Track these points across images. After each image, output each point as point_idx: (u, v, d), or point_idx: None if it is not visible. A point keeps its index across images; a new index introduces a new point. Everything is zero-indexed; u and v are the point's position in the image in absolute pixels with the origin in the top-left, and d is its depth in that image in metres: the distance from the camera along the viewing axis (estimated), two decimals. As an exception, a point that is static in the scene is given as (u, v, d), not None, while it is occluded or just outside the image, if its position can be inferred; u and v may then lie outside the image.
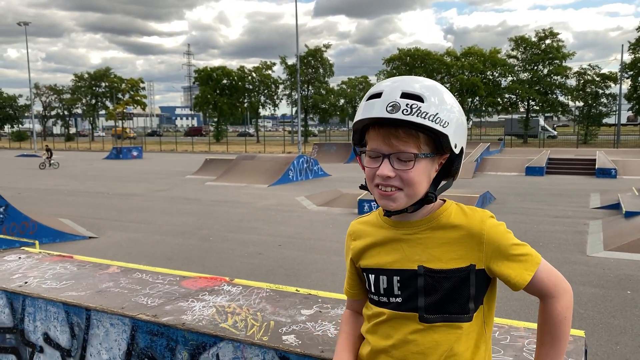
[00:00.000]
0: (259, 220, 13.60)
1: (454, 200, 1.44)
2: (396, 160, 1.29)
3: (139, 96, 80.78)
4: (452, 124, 1.30)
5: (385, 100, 1.27)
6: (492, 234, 1.35)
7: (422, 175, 1.31)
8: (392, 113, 1.25)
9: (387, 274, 1.40)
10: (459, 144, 1.34)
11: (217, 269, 9.09)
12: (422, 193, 1.34)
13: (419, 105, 1.26)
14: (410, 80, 1.33)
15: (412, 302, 1.36)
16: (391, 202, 1.33)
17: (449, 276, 1.34)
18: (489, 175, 24.87)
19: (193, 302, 1.91)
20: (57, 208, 15.72)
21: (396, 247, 1.40)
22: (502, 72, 57.09)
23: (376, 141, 1.31)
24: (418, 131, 1.28)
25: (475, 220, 1.37)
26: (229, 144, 56.77)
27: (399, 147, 1.28)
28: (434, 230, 1.38)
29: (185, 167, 30.00)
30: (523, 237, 7.76)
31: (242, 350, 1.58)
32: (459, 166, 1.39)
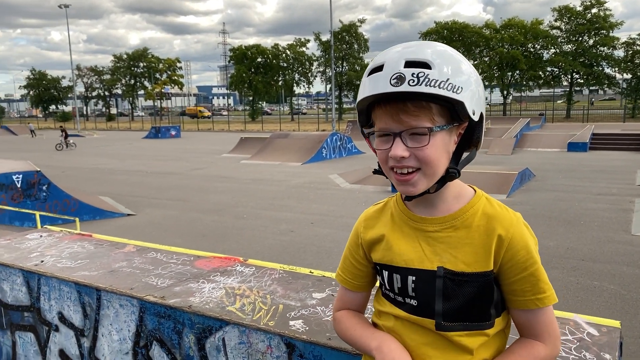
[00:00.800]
0: (292, 198, 13.62)
1: (491, 177, 1.26)
2: (409, 138, 1.15)
3: (176, 76, 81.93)
4: (467, 89, 1.15)
5: (388, 72, 1.13)
6: (518, 241, 1.21)
7: (439, 150, 1.17)
8: (397, 86, 1.11)
9: (401, 272, 1.26)
10: (477, 110, 1.19)
11: (250, 246, 9.17)
12: (442, 170, 1.19)
13: (426, 73, 1.11)
14: (415, 46, 1.18)
15: (428, 307, 1.23)
16: (411, 187, 1.19)
17: (471, 280, 1.20)
18: (528, 152, 24.09)
19: (203, 283, 1.85)
20: (97, 186, 16.17)
21: (414, 244, 1.26)
22: (544, 44, 54.75)
23: (384, 119, 1.17)
24: (429, 102, 1.13)
25: (504, 221, 1.22)
26: (263, 122, 57.04)
27: (410, 122, 1.14)
28: (458, 228, 1.23)
29: (221, 146, 30.33)
30: (564, 215, 7.46)
31: (247, 335, 1.52)
32: (481, 134, 1.24)
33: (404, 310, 1.27)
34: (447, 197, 1.26)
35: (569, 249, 8.38)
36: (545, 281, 1.22)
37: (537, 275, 1.21)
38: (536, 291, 1.21)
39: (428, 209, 1.27)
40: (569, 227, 9.64)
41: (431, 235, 1.25)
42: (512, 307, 1.25)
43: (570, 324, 1.45)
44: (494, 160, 20.23)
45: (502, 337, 1.29)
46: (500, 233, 1.20)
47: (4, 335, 2.30)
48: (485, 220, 1.23)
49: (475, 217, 1.23)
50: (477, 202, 1.26)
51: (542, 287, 1.21)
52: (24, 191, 11.33)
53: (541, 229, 9.57)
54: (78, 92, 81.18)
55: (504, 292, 1.24)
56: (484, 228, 1.22)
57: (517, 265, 1.20)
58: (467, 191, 1.29)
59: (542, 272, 1.22)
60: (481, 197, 1.28)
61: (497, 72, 56.17)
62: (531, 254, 1.21)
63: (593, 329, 1.40)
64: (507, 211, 1.25)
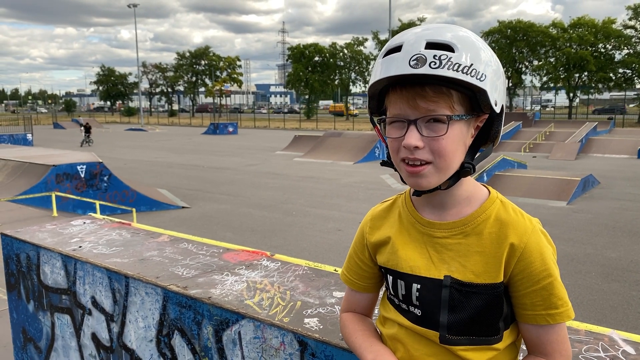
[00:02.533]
0: (342, 197, 13.60)
1: (551, 183, 1.16)
2: (424, 127, 1.05)
3: (236, 74, 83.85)
4: (490, 77, 1.05)
5: (408, 52, 1.02)
6: (532, 251, 1.09)
7: (456, 142, 1.06)
8: (416, 68, 1.00)
9: (405, 279, 1.17)
10: (499, 100, 1.08)
11: (296, 242, 9.23)
12: (457, 165, 1.09)
13: (449, 55, 1.01)
14: (438, 28, 1.07)
15: (433, 318, 1.13)
16: (421, 180, 1.08)
17: (480, 292, 1.10)
18: (594, 157, 22.89)
19: (227, 276, 1.86)
20: (156, 179, 16.81)
21: (421, 249, 1.16)
22: (616, 45, 51.80)
23: (399, 105, 1.06)
24: (450, 88, 1.03)
25: (518, 228, 1.11)
26: (318, 121, 57.35)
27: (428, 108, 1.03)
28: (468, 235, 1.13)
29: (276, 143, 30.76)
30: (629, 226, 7.02)
31: (262, 330, 1.50)
32: (500, 129, 1.13)
33: (407, 318, 1.18)
34: (459, 197, 1.15)
35: (633, 261, 7.88)
36: (559, 296, 1.10)
37: (551, 289, 1.09)
38: (548, 306, 1.09)
39: (438, 210, 1.17)
40: (635, 239, 9.07)
41: (439, 241, 1.15)
42: (521, 321, 1.13)
43: (604, 340, 1.33)
44: (556, 165, 19.37)
45: (512, 351, 1.18)
46: (512, 242, 1.09)
47: (44, 315, 2.41)
48: (497, 227, 1.12)
49: (488, 223, 1.12)
50: (490, 205, 1.14)
51: (555, 302, 1.09)
52: (87, 181, 11.94)
53: (603, 240, 9.06)
54: (143, 88, 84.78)
55: (514, 305, 1.14)
56: (495, 235, 1.11)
57: (530, 277, 1.09)
58: (480, 192, 1.18)
59: (557, 285, 1.10)
60: (495, 200, 1.16)
61: (564, 73, 53.70)
62: (546, 266, 1.09)
63: (630, 347, 1.27)
64: (523, 217, 1.13)
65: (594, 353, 1.26)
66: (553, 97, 70.87)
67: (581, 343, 1.33)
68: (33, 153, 14.82)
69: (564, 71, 53.56)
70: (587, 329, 1.39)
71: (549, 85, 58.96)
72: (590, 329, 1.40)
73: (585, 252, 8.35)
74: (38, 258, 2.38)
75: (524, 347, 1.19)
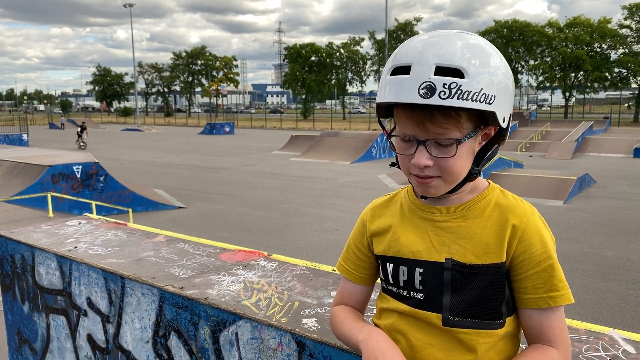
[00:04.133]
0: (339, 197, 13.59)
1: (547, 182, 1.18)
2: (434, 146, 1.08)
3: (232, 74, 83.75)
4: (499, 94, 1.07)
5: (416, 78, 1.03)
6: (532, 233, 1.12)
7: (464, 159, 1.11)
8: (426, 97, 1.01)
9: (408, 264, 1.19)
10: (507, 115, 1.11)
11: (294, 242, 9.21)
12: (464, 175, 1.14)
13: (458, 83, 1.02)
14: (446, 42, 1.06)
15: (435, 300, 1.15)
16: (429, 189, 1.14)
17: (481, 273, 1.12)
18: (590, 157, 22.96)
19: (224, 276, 1.84)
20: (152, 179, 16.75)
21: (422, 234, 1.19)
22: (612, 44, 51.96)
23: (408, 125, 1.09)
24: (459, 111, 1.06)
25: (518, 211, 1.14)
26: (315, 121, 57.32)
27: (437, 132, 1.07)
28: (468, 218, 1.16)
29: (273, 143, 30.73)
30: (625, 225, 7.04)
31: (259, 331, 1.48)
32: (507, 133, 1.17)
33: (409, 305, 1.19)
34: (463, 190, 1.18)
35: (629, 260, 7.89)
36: (560, 278, 1.12)
37: (551, 271, 1.11)
38: (549, 288, 1.11)
39: (440, 199, 1.20)
40: (631, 238, 9.09)
41: (440, 225, 1.18)
42: (522, 307, 1.15)
43: (604, 339, 1.33)
44: (552, 165, 19.41)
45: (514, 340, 1.19)
46: (514, 223, 1.13)
47: (39, 317, 2.39)
48: (498, 211, 1.16)
49: (488, 207, 1.16)
50: (490, 193, 1.19)
51: (556, 284, 1.11)
52: (83, 181, 11.89)
53: (599, 239, 9.08)
54: (139, 88, 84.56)
55: (514, 290, 1.15)
56: (496, 219, 1.15)
57: (531, 258, 1.11)
58: (482, 184, 1.22)
59: (557, 268, 1.12)
60: (495, 189, 1.20)
61: (559, 72, 53.85)
62: (546, 248, 1.12)
63: (630, 347, 1.27)
64: (523, 203, 1.17)
65: (594, 352, 1.25)
66: (549, 97, 71.05)
67: (581, 342, 1.32)
68: (29, 153, 14.75)
69: (560, 71, 53.71)
70: (587, 328, 1.38)
71: (545, 85, 59.13)
72: (590, 328, 1.39)
73: (581, 251, 8.36)
74: (33, 259, 2.36)
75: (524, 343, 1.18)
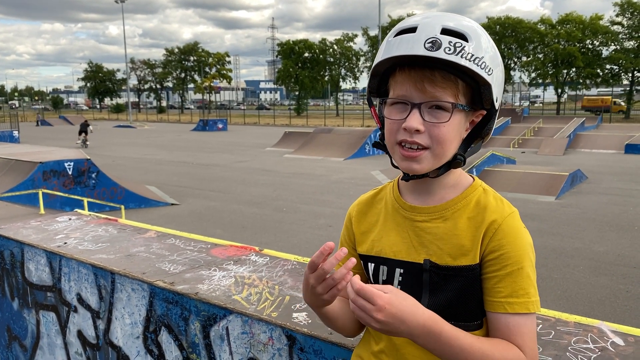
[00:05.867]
0: (332, 193, 13.59)
1: (539, 178, 1.15)
2: (427, 112, 1.05)
3: (225, 70, 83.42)
4: (495, 72, 1.06)
5: (423, 34, 1.02)
6: (507, 233, 1.08)
7: (455, 131, 1.07)
8: (431, 50, 1.00)
9: (388, 264, 1.18)
10: (499, 97, 1.09)
11: (287, 239, 9.21)
12: (451, 154, 1.10)
13: (463, 44, 1.01)
14: (450, 15, 1.08)
15: None
16: (415, 164, 1.08)
17: (457, 274, 1.10)
18: (582, 153, 23.09)
19: (215, 271, 1.84)
20: (145, 175, 16.66)
21: (403, 234, 1.17)
22: (603, 41, 52.23)
23: (405, 86, 1.06)
24: (458, 77, 1.04)
25: (496, 211, 1.11)
26: (308, 117, 57.23)
27: (434, 94, 1.04)
28: (447, 219, 1.13)
29: (266, 140, 30.65)
30: (616, 220, 7.05)
31: (250, 325, 1.48)
32: (492, 126, 1.14)
33: None
34: (445, 185, 1.16)
35: (620, 255, 7.95)
36: (524, 286, 1.06)
37: (516, 276, 1.06)
38: (509, 293, 1.06)
39: (423, 196, 1.18)
40: (622, 233, 9.16)
41: (419, 225, 1.15)
42: (485, 309, 1.11)
43: (593, 332, 1.33)
44: (544, 161, 19.50)
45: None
46: (489, 222, 1.09)
47: (29, 313, 2.37)
48: (476, 211, 1.12)
49: (467, 208, 1.13)
50: (471, 192, 1.15)
51: (518, 290, 1.06)
52: (75, 178, 11.81)
53: (591, 234, 9.14)
54: (131, 84, 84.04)
55: (482, 290, 1.12)
56: (474, 219, 1.11)
57: (498, 259, 1.07)
58: (465, 180, 1.18)
59: (526, 275, 1.07)
60: (477, 187, 1.16)
61: (552, 69, 54.08)
62: (518, 252, 1.07)
63: (619, 338, 1.27)
64: (502, 203, 1.13)
65: (583, 344, 1.26)
66: (541, 93, 71.35)
67: (570, 335, 1.33)
68: (20, 150, 14.63)
69: (552, 67, 53.95)
70: (576, 321, 1.39)
71: (537, 81, 59.38)
72: (580, 320, 1.39)
73: (573, 246, 8.42)
74: (22, 255, 2.34)
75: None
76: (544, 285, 6.61)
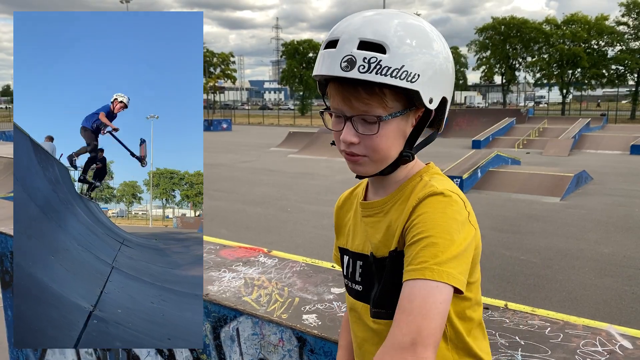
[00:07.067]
0: (337, 193, 13.45)
1: (544, 179, 1.14)
2: (360, 123, 1.09)
3: (230, 70, 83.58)
4: (426, 74, 1.06)
5: (340, 52, 1.05)
6: (424, 208, 1.05)
7: (391, 138, 1.10)
8: (346, 71, 1.03)
9: (352, 257, 1.25)
10: (436, 96, 1.09)
11: (291, 239, 9.23)
12: (394, 156, 1.13)
13: (378, 58, 1.02)
14: (383, 19, 1.07)
15: (368, 292, 1.19)
16: (359, 167, 1.14)
17: (390, 263, 1.11)
18: (587, 154, 23.01)
19: (225, 272, 1.86)
20: (149, 176, 16.71)
21: (362, 229, 1.23)
22: (609, 41, 52.03)
23: (336, 100, 1.11)
24: (382, 88, 1.06)
25: (421, 193, 1.09)
26: (312, 118, 57.26)
27: (361, 108, 1.07)
28: (388, 213, 1.16)
29: (270, 140, 30.71)
30: (622, 222, 7.01)
31: (260, 327, 1.50)
32: (444, 117, 1.16)
33: (352, 296, 1.26)
34: (397, 179, 1.19)
35: (626, 257, 7.93)
36: (426, 257, 0.99)
37: (424, 245, 1.00)
38: (410, 262, 1.01)
39: (380, 192, 1.22)
40: (628, 234, 9.13)
41: (365, 220, 1.23)
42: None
43: (602, 335, 1.34)
44: (549, 162, 19.45)
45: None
46: (412, 205, 1.08)
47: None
48: (407, 200, 1.12)
49: (402, 198, 1.15)
50: (408, 183, 1.16)
51: (419, 259, 0.99)
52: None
53: (596, 235, 9.12)
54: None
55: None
56: (404, 209, 1.11)
57: (410, 231, 1.05)
58: (415, 169, 1.20)
59: (437, 247, 0.99)
60: (415, 178, 1.17)
61: (557, 69, 53.93)
62: (431, 225, 1.02)
63: (627, 342, 1.28)
64: (432, 186, 1.10)
65: (592, 348, 1.27)
66: (546, 94, 71.12)
67: (579, 338, 1.34)
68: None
69: (557, 67, 53.79)
70: (585, 324, 1.40)
71: (542, 82, 59.21)
72: (588, 323, 1.40)
73: (578, 248, 8.40)
74: (33, 255, 2.36)
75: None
76: (549, 286, 6.61)
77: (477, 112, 34.97)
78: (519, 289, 6.56)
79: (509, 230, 9.28)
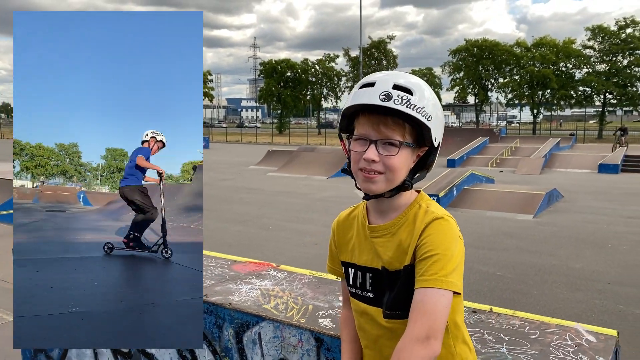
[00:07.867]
0: (317, 212, 13.80)
1: (517, 197, 1.46)
2: (382, 147, 1.37)
3: (207, 88, 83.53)
4: (435, 118, 1.39)
5: (379, 89, 1.36)
6: (432, 231, 1.37)
7: (403, 162, 1.39)
8: (384, 101, 1.33)
9: (361, 270, 1.51)
10: (438, 137, 1.42)
11: (274, 257, 9.35)
12: (400, 180, 1.41)
13: (408, 97, 1.34)
14: (401, 74, 1.42)
15: (380, 298, 1.46)
16: (372, 185, 1.40)
17: (404, 274, 1.40)
18: (557, 172, 23.78)
19: (241, 285, 2.06)
20: (129, 194, 16.59)
21: (369, 247, 1.50)
22: (576, 64, 54.04)
23: (365, 127, 1.39)
24: (405, 121, 1.36)
25: (427, 217, 1.40)
26: (290, 136, 57.57)
27: (387, 133, 1.36)
28: (395, 234, 1.44)
29: (249, 158, 30.78)
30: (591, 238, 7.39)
31: (281, 330, 1.71)
32: (434, 159, 1.47)
33: (363, 302, 1.52)
34: (396, 205, 1.47)
35: (595, 271, 8.30)
36: (435, 270, 1.31)
37: (431, 262, 1.32)
38: (422, 274, 1.32)
39: (381, 216, 1.50)
40: (597, 250, 9.53)
41: (374, 240, 1.48)
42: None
43: (571, 331, 1.61)
44: (522, 180, 20.03)
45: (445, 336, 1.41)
46: (420, 229, 1.39)
47: (58, 326, 2.53)
48: (413, 224, 1.42)
49: (407, 222, 1.43)
50: (410, 210, 1.46)
51: (429, 271, 1.31)
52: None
53: (567, 251, 9.49)
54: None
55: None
56: (411, 231, 1.41)
57: (420, 249, 1.36)
58: (410, 200, 1.49)
59: (440, 260, 1.32)
60: (414, 205, 1.47)
61: (527, 90, 55.61)
62: (439, 243, 1.34)
63: (592, 337, 1.55)
64: (433, 213, 1.42)
65: (563, 341, 1.53)
66: (518, 114, 73.10)
67: (552, 334, 1.60)
68: (4, 168, 14.55)
69: (528, 88, 55.47)
70: (557, 323, 1.66)
71: (513, 102, 60.88)
72: (559, 322, 1.67)
73: (550, 263, 8.74)
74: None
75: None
76: (524, 301, 6.90)
77: (451, 132, 35.68)
78: (496, 303, 6.77)
79: (485, 247, 9.57)
